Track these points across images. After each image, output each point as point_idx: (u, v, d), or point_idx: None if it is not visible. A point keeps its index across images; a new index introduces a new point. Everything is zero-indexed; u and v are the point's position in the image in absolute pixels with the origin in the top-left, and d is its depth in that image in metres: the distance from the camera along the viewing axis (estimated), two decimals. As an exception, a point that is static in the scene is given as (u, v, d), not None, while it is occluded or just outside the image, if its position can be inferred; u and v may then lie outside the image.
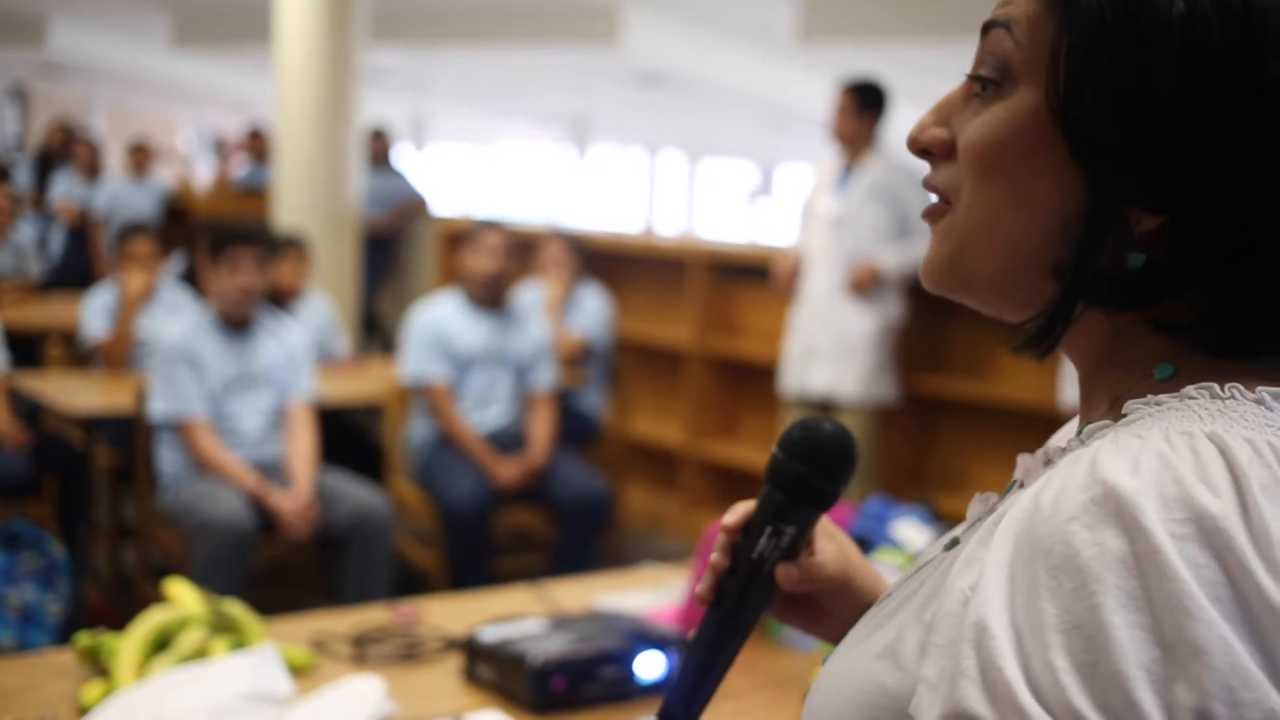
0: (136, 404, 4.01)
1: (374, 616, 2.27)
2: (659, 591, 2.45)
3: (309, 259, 5.43)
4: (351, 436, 4.99)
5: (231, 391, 3.98)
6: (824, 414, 4.10)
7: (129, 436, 4.18)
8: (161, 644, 1.97)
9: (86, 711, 1.81)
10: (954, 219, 0.80)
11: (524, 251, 5.73)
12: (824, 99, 10.59)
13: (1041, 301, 0.76)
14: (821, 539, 1.02)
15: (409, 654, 2.08)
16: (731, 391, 6.01)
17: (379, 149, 8.46)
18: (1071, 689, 0.62)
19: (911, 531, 2.40)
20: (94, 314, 4.95)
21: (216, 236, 4.02)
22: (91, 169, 9.59)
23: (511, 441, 4.52)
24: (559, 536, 4.44)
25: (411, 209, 8.20)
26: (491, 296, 4.59)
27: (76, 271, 8.59)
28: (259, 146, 10.20)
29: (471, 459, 4.37)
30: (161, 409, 3.89)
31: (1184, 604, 0.61)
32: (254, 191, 9.31)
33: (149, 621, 1.97)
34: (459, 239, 5.37)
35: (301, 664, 2.00)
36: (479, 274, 4.56)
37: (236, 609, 2.05)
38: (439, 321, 4.55)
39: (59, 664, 2.01)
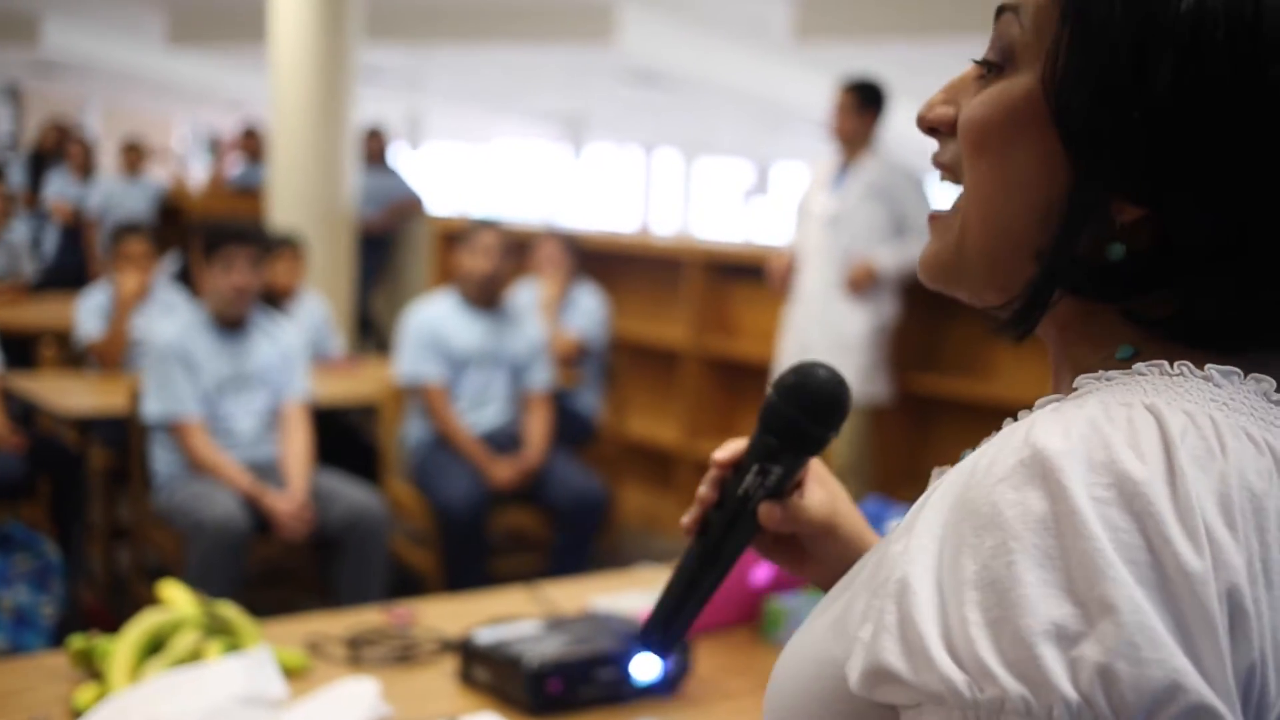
0: (131, 404, 4.00)
1: (369, 618, 2.26)
2: (655, 592, 2.44)
3: (304, 258, 5.42)
4: (346, 437, 4.97)
5: (226, 392, 3.97)
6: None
7: (123, 437, 4.17)
8: (155, 646, 1.96)
9: (80, 715, 1.80)
10: (955, 209, 0.82)
11: (519, 251, 5.72)
12: (820, 97, 10.60)
13: (1022, 286, 0.78)
14: (812, 483, 1.05)
15: (404, 656, 2.07)
16: (727, 391, 6.00)
17: (374, 148, 8.45)
18: (981, 642, 0.64)
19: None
20: (88, 314, 4.94)
21: (211, 235, 4.00)
22: (85, 168, 9.57)
23: (507, 442, 4.52)
24: (555, 537, 4.43)
25: (407, 208, 8.19)
26: (487, 296, 4.58)
27: (70, 271, 8.57)
28: (254, 145, 10.19)
29: (467, 459, 4.36)
30: (155, 409, 3.88)
31: (1096, 563, 0.62)
32: (249, 191, 9.29)
33: (143, 624, 1.96)
34: (454, 238, 5.36)
35: (296, 666, 1.99)
36: (474, 274, 4.55)
37: (231, 611, 2.05)
38: (434, 321, 4.54)
39: (52, 666, 2.00)
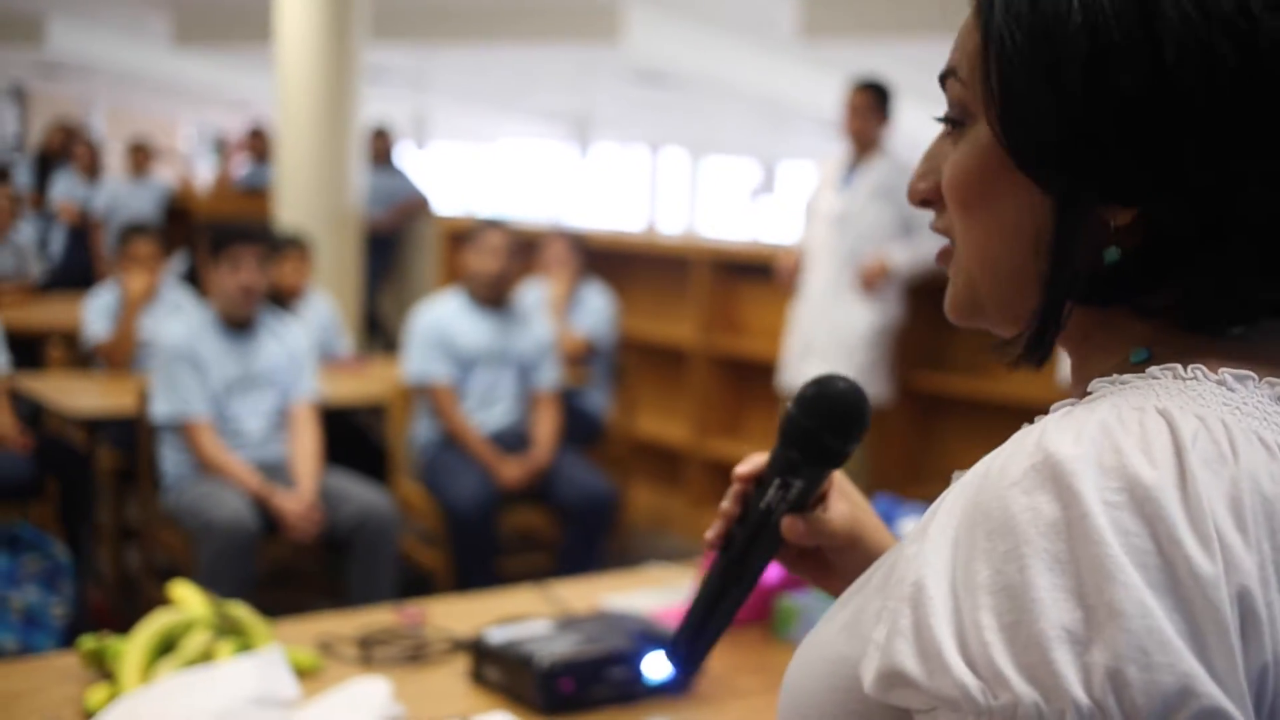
0: (139, 405, 4.00)
1: (380, 618, 2.25)
2: (666, 591, 2.44)
3: (311, 258, 5.41)
4: (355, 437, 4.97)
5: (234, 392, 3.97)
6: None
7: (132, 438, 4.17)
8: (167, 647, 1.96)
9: (92, 715, 1.80)
10: (958, 257, 0.83)
11: (527, 250, 5.72)
12: (826, 96, 10.59)
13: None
14: (835, 496, 1.06)
15: (415, 655, 2.07)
16: (736, 389, 5.99)
17: (380, 148, 8.44)
18: (995, 647, 0.64)
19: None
20: (96, 315, 4.94)
21: (217, 236, 4.00)
22: (92, 169, 9.58)
23: (515, 441, 4.51)
24: (564, 536, 4.42)
25: (413, 208, 8.19)
26: (494, 296, 4.57)
27: (77, 272, 8.58)
28: (260, 146, 10.19)
29: (476, 459, 4.36)
30: (164, 410, 3.88)
31: (1106, 567, 0.63)
32: (255, 191, 9.30)
33: (154, 624, 1.96)
34: (461, 238, 5.36)
35: (307, 666, 1.99)
36: (481, 273, 4.55)
37: (242, 611, 2.04)
38: (442, 321, 4.53)
39: (63, 667, 2.00)
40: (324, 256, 6.24)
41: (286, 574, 4.53)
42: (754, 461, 1.06)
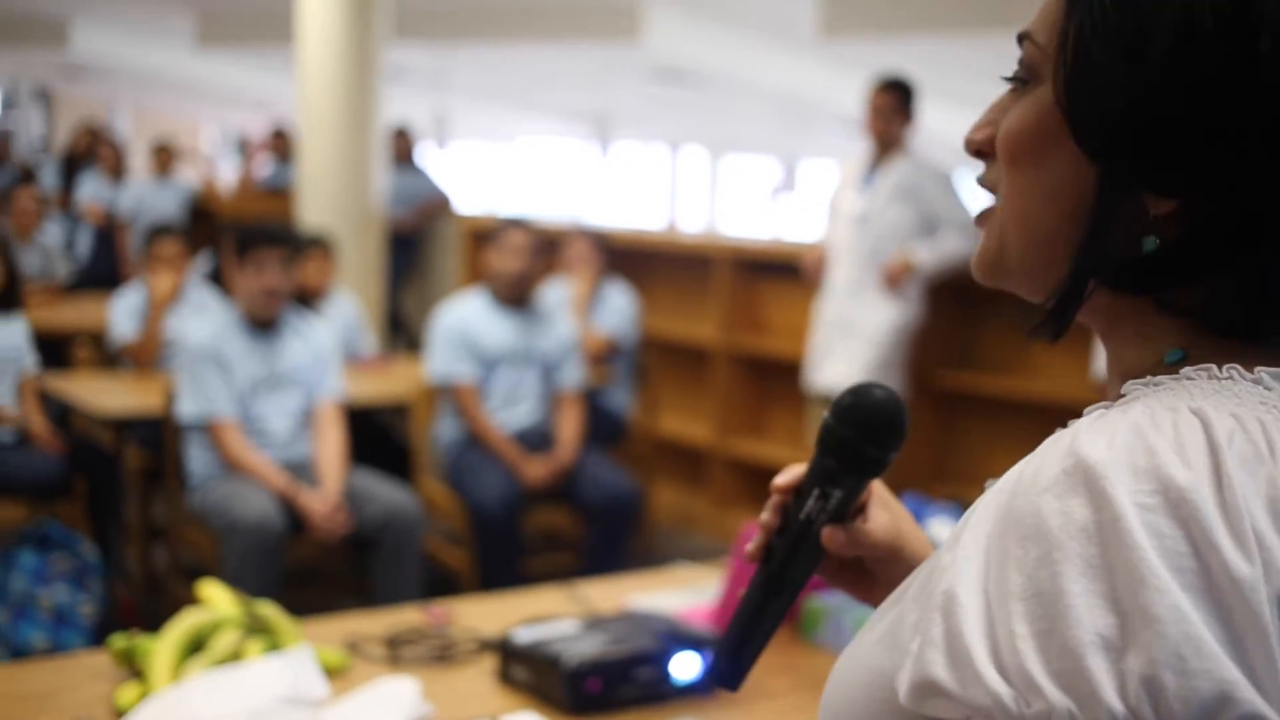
0: (165, 405, 4.02)
1: (407, 617, 2.26)
2: (692, 591, 2.44)
3: (334, 258, 5.43)
4: (379, 436, 4.99)
5: (259, 392, 3.98)
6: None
7: (158, 437, 4.19)
8: (196, 646, 1.97)
9: (122, 714, 1.81)
10: (996, 214, 0.83)
11: (549, 250, 5.72)
12: (846, 94, 10.58)
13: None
14: (875, 506, 1.05)
15: (443, 655, 2.07)
16: (758, 388, 5.99)
17: (402, 147, 8.46)
18: (1028, 655, 0.63)
19: (945, 529, 2.39)
20: (122, 315, 4.97)
21: (242, 237, 4.02)
22: (117, 170, 9.63)
23: (539, 440, 4.52)
24: (588, 536, 4.43)
25: (435, 207, 8.21)
26: (517, 295, 4.58)
27: (103, 273, 8.63)
28: (282, 146, 10.22)
29: (499, 459, 4.37)
30: (190, 410, 3.90)
31: (1141, 572, 0.62)
32: (278, 191, 9.33)
33: (183, 623, 1.97)
34: (483, 237, 5.37)
35: (336, 666, 2.00)
36: (504, 273, 4.55)
37: (271, 611, 2.05)
38: (465, 320, 4.54)
39: (93, 666, 2.01)
40: (347, 256, 6.26)
41: (311, 573, 4.54)
42: (792, 472, 1.05)
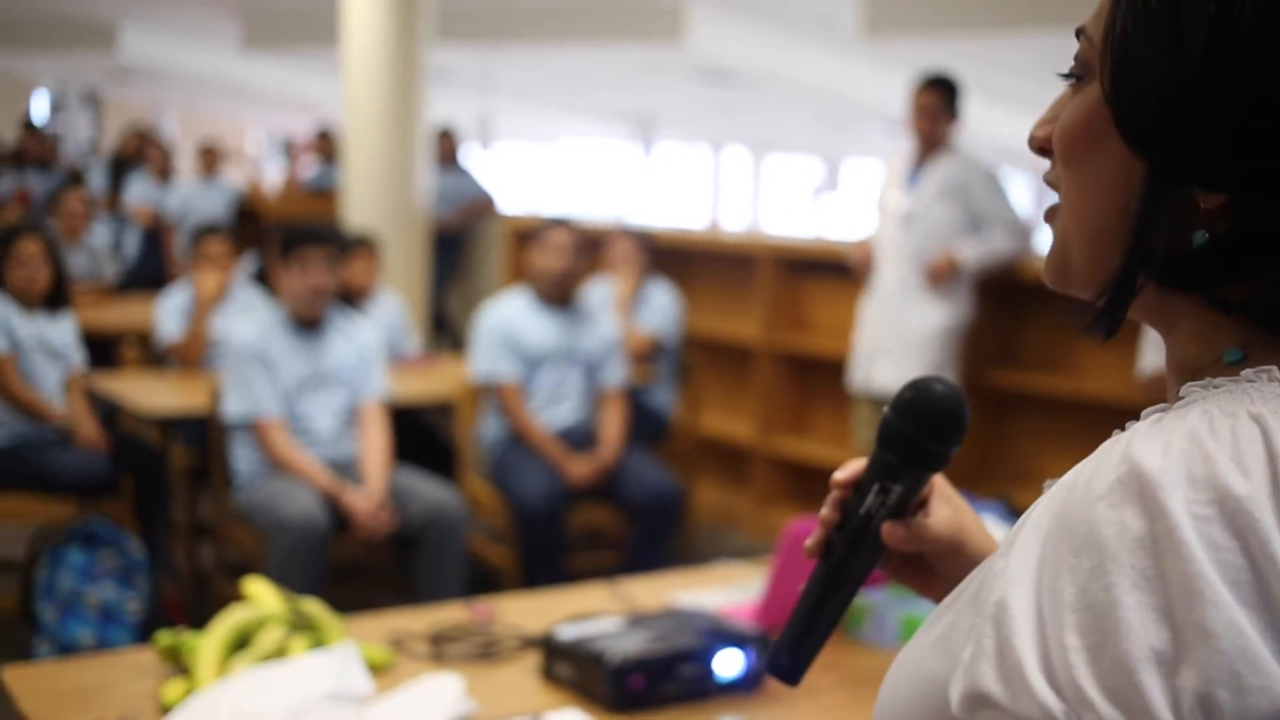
0: (211, 404, 4.04)
1: (451, 615, 2.26)
2: (735, 588, 2.44)
3: (379, 258, 5.46)
4: (423, 435, 5.00)
5: (304, 391, 4.00)
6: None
7: (204, 436, 4.22)
8: (241, 642, 1.98)
9: (168, 710, 1.82)
10: (1059, 214, 0.82)
11: (592, 249, 5.72)
12: (889, 93, 10.52)
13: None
14: (937, 501, 1.04)
15: (487, 652, 2.07)
16: (801, 387, 5.97)
17: (446, 148, 8.49)
18: (1079, 669, 0.62)
19: (991, 527, 2.37)
20: (168, 315, 5.01)
21: (287, 236, 4.04)
22: (164, 172, 9.72)
23: (582, 439, 4.52)
24: (631, 534, 4.42)
25: (479, 208, 8.23)
26: (560, 294, 4.58)
27: (151, 273, 8.71)
28: (328, 147, 10.29)
29: (543, 457, 4.37)
30: (235, 409, 3.92)
31: (1196, 585, 0.60)
32: (323, 192, 9.38)
33: (229, 620, 1.98)
34: (526, 237, 5.38)
35: (380, 662, 2.00)
36: (547, 272, 4.56)
37: (315, 608, 2.06)
38: (508, 320, 4.55)
39: (140, 662, 2.03)
40: (391, 256, 6.28)
41: (356, 571, 4.56)
42: (852, 467, 1.03)
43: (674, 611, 2.14)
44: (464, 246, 8.26)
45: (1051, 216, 0.84)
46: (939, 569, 1.04)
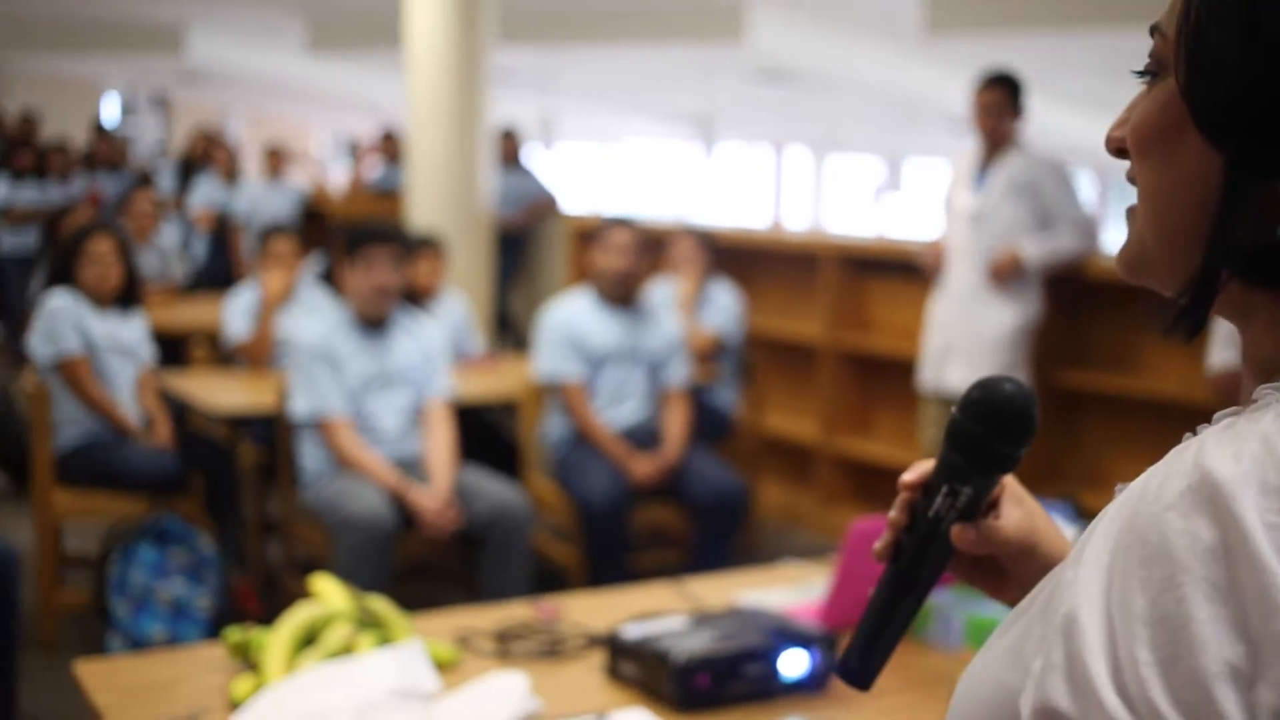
0: (278, 403, 4.08)
1: (516, 613, 2.27)
2: (800, 588, 2.43)
3: (445, 258, 5.49)
4: (488, 434, 5.03)
5: (370, 390, 4.03)
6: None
7: (272, 434, 4.26)
8: (309, 639, 2.00)
9: (237, 705, 1.84)
10: (1136, 209, 0.81)
11: (654, 249, 5.72)
12: (952, 92, 10.45)
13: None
14: (1008, 503, 1.01)
15: (552, 650, 2.08)
16: (865, 387, 5.94)
17: (509, 148, 8.53)
18: (1152, 684, 0.61)
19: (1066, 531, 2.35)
20: (236, 315, 5.07)
21: (352, 236, 4.07)
22: (230, 173, 9.83)
23: (646, 438, 4.52)
24: (694, 533, 4.42)
25: (542, 208, 8.26)
26: (623, 294, 4.59)
27: (219, 273, 8.82)
28: (392, 148, 10.36)
29: (607, 456, 4.38)
30: (303, 408, 3.96)
31: (1272, 596, 0.59)
32: (387, 193, 9.45)
33: (296, 617, 2.00)
34: (589, 237, 5.39)
35: (446, 660, 2.01)
36: (609, 272, 4.56)
37: (382, 605, 2.07)
38: (571, 320, 4.56)
39: (210, 658, 2.05)
40: (455, 256, 6.32)
41: (422, 568, 4.59)
42: (920, 469, 1.01)
43: (738, 611, 2.14)
44: (527, 246, 8.29)
45: (1130, 215, 0.83)
46: (1011, 571, 1.02)
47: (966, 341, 4.71)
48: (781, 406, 6.19)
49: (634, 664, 1.95)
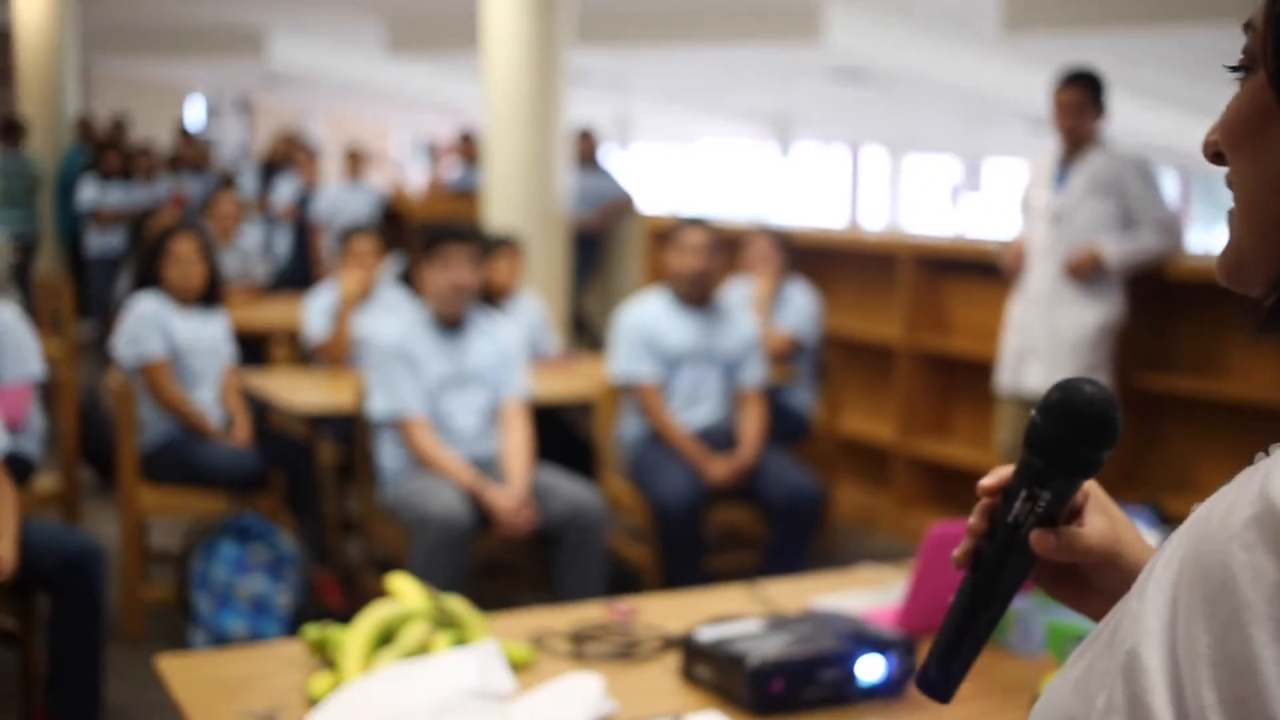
0: (357, 402, 4.12)
1: (591, 614, 2.27)
2: (877, 592, 2.41)
3: (523, 258, 5.51)
4: (563, 434, 5.04)
5: (447, 389, 4.06)
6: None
7: (351, 433, 4.30)
8: (385, 638, 2.01)
9: (315, 702, 1.86)
10: (1233, 209, 0.79)
11: (730, 249, 5.71)
12: (1030, 91, 10.34)
13: None
14: (1092, 510, 0.98)
15: (627, 652, 2.08)
16: (943, 388, 5.88)
17: (586, 149, 8.55)
18: None
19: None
20: (315, 315, 5.13)
21: (430, 235, 4.10)
22: (311, 175, 9.95)
23: (721, 439, 4.51)
24: (770, 535, 4.40)
25: (618, 208, 8.27)
26: (698, 294, 4.58)
27: (299, 274, 8.92)
28: (470, 149, 10.43)
29: (682, 456, 4.37)
30: (381, 408, 3.99)
31: None
32: (465, 194, 9.52)
33: (373, 615, 2.01)
34: (664, 237, 5.39)
35: (522, 660, 2.02)
36: (684, 272, 4.55)
37: (458, 605, 2.08)
38: (647, 320, 4.56)
39: (289, 655, 2.07)
40: (532, 257, 6.34)
41: (498, 568, 4.61)
42: (999, 474, 0.98)
43: (814, 614, 2.12)
44: (603, 247, 8.31)
45: (1230, 219, 0.80)
46: (1094, 581, 0.99)
47: (1046, 343, 4.64)
48: (858, 408, 6.15)
49: (709, 667, 1.95)
